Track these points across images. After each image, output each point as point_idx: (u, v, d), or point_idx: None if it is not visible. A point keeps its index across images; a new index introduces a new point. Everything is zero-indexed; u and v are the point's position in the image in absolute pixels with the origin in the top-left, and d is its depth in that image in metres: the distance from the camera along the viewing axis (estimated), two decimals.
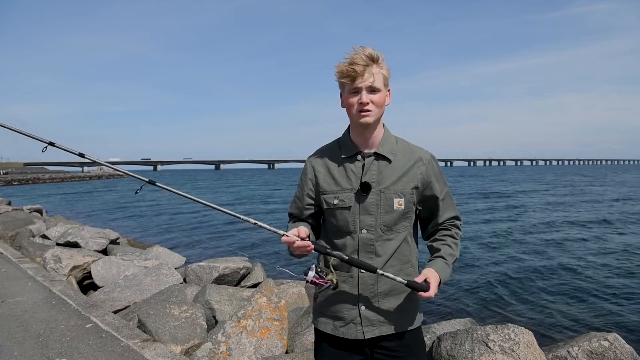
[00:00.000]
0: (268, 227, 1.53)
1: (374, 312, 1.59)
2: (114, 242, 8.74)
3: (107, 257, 6.67)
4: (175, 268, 6.40)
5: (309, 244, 1.47)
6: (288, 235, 1.46)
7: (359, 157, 1.61)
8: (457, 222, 1.70)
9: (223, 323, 3.77)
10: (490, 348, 2.99)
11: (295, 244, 1.46)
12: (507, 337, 3.03)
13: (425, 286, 1.50)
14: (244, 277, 6.21)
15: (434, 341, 3.35)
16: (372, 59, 1.50)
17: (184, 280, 5.96)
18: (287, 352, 3.62)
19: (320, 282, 1.52)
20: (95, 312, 4.16)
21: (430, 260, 1.63)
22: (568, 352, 3.16)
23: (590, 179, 52.84)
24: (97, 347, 3.36)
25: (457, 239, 1.68)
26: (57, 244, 8.04)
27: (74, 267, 6.12)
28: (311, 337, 3.49)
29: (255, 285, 5.91)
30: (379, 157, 1.60)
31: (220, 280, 5.86)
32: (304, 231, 1.49)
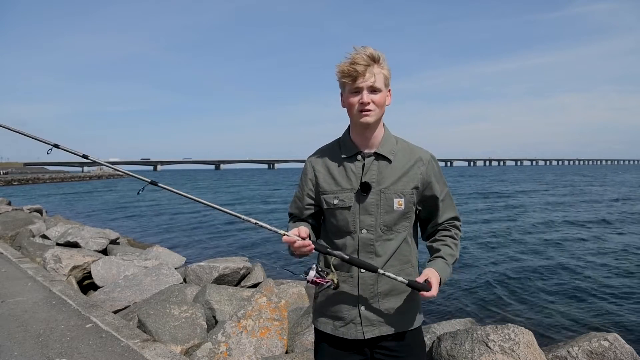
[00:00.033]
0: (269, 227, 1.53)
1: (373, 312, 1.59)
2: (114, 242, 8.74)
3: (107, 257, 6.67)
4: (175, 268, 6.40)
5: (310, 244, 1.47)
6: (289, 235, 1.46)
7: (359, 157, 1.61)
8: (457, 223, 1.70)
9: (223, 323, 3.77)
10: (490, 348, 2.99)
11: (296, 244, 1.46)
12: (507, 337, 3.03)
13: (426, 286, 1.50)
14: (244, 277, 6.21)
15: (434, 341, 3.34)
16: (374, 59, 1.50)
17: (184, 280, 5.96)
18: (287, 352, 3.61)
19: (321, 281, 1.52)
20: (95, 312, 4.16)
21: (430, 261, 1.63)
22: (568, 352, 3.16)
23: (590, 179, 52.84)
24: (97, 347, 3.36)
25: (456, 239, 1.68)
26: (57, 244, 8.04)
27: (74, 267, 6.12)
28: (311, 337, 3.49)
29: (255, 285, 5.91)
30: (379, 157, 1.60)
31: (220, 280, 5.86)
32: (305, 231, 1.49)
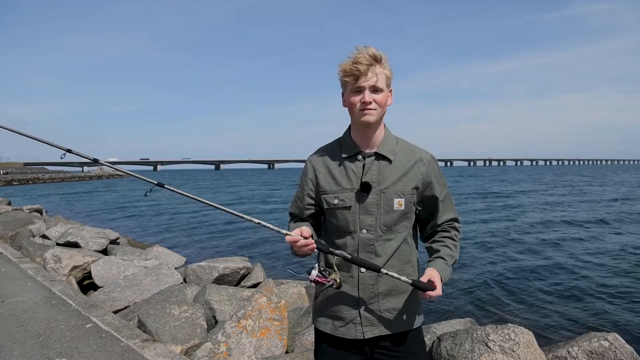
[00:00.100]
0: (272, 226, 1.53)
1: (373, 312, 1.59)
2: (114, 242, 8.73)
3: (107, 257, 6.66)
4: (175, 268, 6.40)
5: (312, 243, 1.48)
6: (291, 235, 1.47)
7: (360, 156, 1.60)
8: (456, 224, 1.70)
9: (223, 323, 3.77)
10: (490, 348, 2.99)
11: (298, 243, 1.46)
12: (507, 337, 3.03)
13: (431, 286, 1.49)
14: (244, 277, 6.21)
15: (434, 341, 3.34)
16: (376, 59, 1.50)
17: (184, 280, 5.96)
18: (287, 352, 3.61)
19: (323, 281, 1.52)
20: (95, 312, 4.16)
21: (430, 261, 1.62)
22: (568, 352, 3.16)
23: (590, 179, 52.85)
24: (97, 347, 3.35)
25: (456, 240, 1.68)
26: (57, 244, 8.04)
27: (74, 267, 6.12)
28: (311, 337, 3.49)
29: (255, 285, 5.91)
30: (379, 157, 1.60)
31: (220, 280, 5.86)
32: (307, 231, 1.49)
